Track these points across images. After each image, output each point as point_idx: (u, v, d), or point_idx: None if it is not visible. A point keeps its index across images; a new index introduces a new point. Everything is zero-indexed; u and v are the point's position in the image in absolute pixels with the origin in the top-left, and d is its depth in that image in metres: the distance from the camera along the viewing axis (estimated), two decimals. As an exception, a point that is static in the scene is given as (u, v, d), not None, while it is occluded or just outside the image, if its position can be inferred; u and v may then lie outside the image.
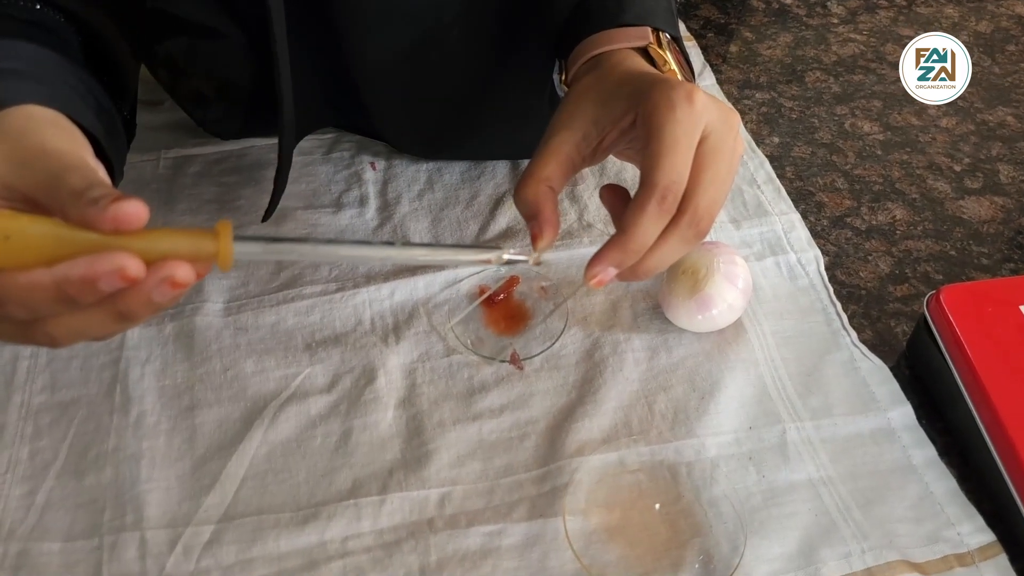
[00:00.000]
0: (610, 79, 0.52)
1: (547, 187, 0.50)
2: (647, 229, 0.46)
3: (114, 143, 0.54)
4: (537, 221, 0.50)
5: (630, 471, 0.55)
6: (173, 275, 0.38)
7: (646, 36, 0.56)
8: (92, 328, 0.40)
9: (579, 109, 0.51)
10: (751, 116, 0.80)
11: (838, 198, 0.73)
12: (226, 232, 0.39)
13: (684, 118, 0.45)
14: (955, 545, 0.52)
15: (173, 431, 0.58)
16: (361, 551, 0.52)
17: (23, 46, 0.51)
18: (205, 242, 0.39)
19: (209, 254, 0.39)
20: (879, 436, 0.57)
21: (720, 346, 0.61)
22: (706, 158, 0.46)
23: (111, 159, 0.51)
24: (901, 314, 0.64)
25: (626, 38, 0.55)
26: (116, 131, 0.57)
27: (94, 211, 0.37)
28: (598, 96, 0.51)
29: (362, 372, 0.60)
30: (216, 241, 0.39)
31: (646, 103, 0.47)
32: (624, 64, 0.54)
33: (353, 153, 0.77)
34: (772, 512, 0.53)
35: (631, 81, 0.51)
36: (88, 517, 0.53)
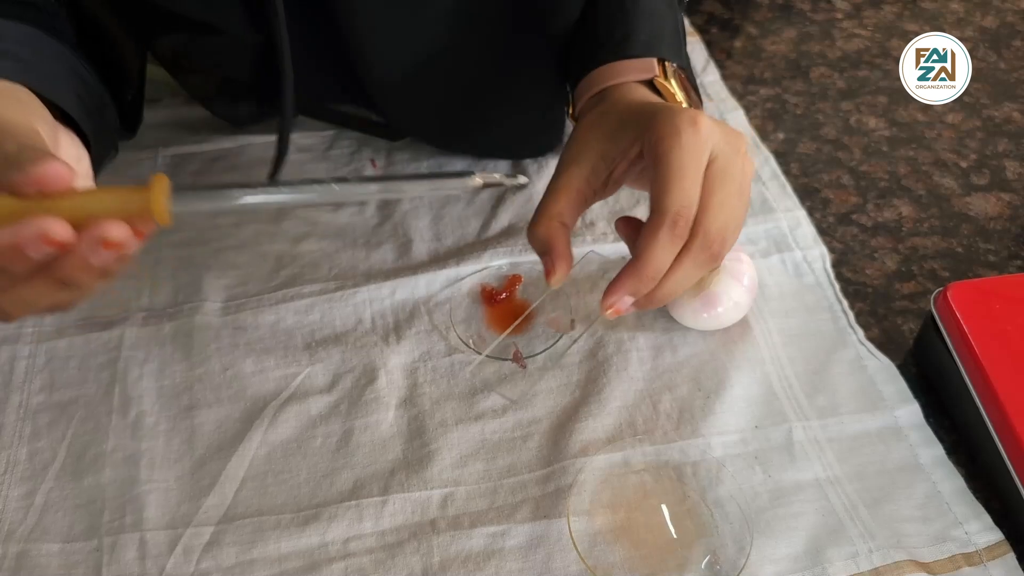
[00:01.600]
0: (615, 112, 0.53)
1: (559, 223, 0.51)
2: (661, 255, 0.46)
3: (96, 122, 0.53)
4: (550, 257, 0.51)
5: (635, 471, 0.54)
6: (105, 235, 0.37)
7: (651, 69, 0.56)
8: (39, 298, 0.40)
9: (587, 144, 0.52)
10: (755, 112, 0.80)
11: (844, 195, 0.72)
12: (159, 185, 0.38)
13: (689, 144, 0.46)
14: (963, 544, 0.51)
15: (172, 432, 0.57)
16: (363, 552, 0.51)
17: (11, 26, 0.50)
18: (136, 197, 0.38)
19: (142, 209, 0.38)
20: (886, 435, 0.56)
21: (726, 344, 0.60)
22: (714, 181, 0.47)
23: (90, 138, 0.50)
24: (908, 312, 0.63)
25: (631, 71, 0.56)
26: (102, 111, 0.56)
27: (19, 176, 0.36)
28: (604, 130, 0.52)
29: (363, 372, 0.60)
30: (147, 195, 0.37)
31: (651, 132, 0.48)
32: (629, 96, 0.54)
33: (353, 150, 0.76)
34: (778, 512, 0.52)
35: (636, 112, 0.51)
36: (87, 518, 0.53)
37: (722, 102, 0.80)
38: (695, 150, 0.46)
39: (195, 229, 0.69)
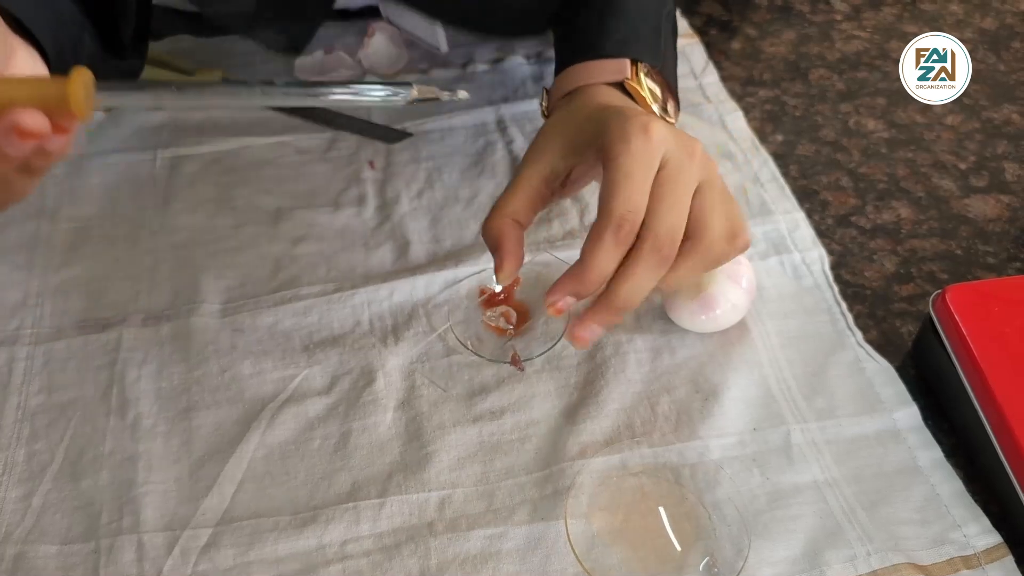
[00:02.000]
0: (579, 114, 0.54)
1: (512, 221, 0.52)
2: (603, 258, 0.47)
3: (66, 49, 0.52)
4: (499, 253, 0.51)
5: (633, 474, 0.54)
6: (18, 122, 0.36)
7: (623, 70, 0.56)
8: None
9: (548, 144, 0.53)
10: (754, 114, 0.80)
11: (843, 197, 0.72)
12: (78, 76, 0.37)
13: (639, 149, 0.47)
14: (961, 547, 0.51)
15: (170, 433, 0.57)
16: (360, 555, 0.51)
17: None
18: (54, 86, 0.37)
19: (60, 99, 0.37)
20: (884, 437, 0.56)
21: (724, 347, 0.60)
22: (664, 186, 0.47)
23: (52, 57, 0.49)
24: (907, 314, 0.63)
25: (602, 72, 0.57)
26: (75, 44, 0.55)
27: None
28: (566, 131, 0.53)
29: (360, 374, 0.60)
30: (65, 85, 0.37)
31: (604, 137, 0.48)
32: (596, 99, 0.55)
33: (352, 152, 0.76)
34: (776, 514, 0.52)
35: (596, 116, 0.52)
36: (85, 520, 0.53)
37: (721, 104, 0.80)
38: (644, 156, 0.47)
39: (193, 231, 0.69)
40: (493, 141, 0.77)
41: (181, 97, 0.42)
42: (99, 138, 0.77)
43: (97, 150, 0.76)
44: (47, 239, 0.69)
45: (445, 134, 0.78)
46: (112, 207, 0.71)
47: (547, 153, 0.53)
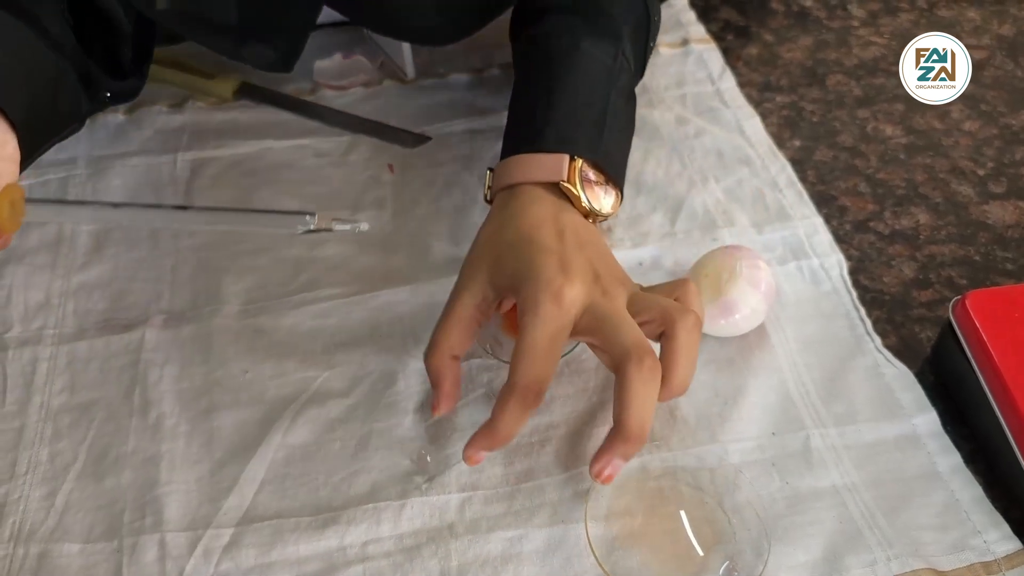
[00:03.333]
0: (508, 236, 0.55)
1: (449, 358, 0.54)
2: (510, 420, 0.49)
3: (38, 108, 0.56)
4: (438, 393, 0.54)
5: (652, 477, 0.54)
6: None
7: (559, 171, 0.57)
8: None
9: (478, 271, 0.55)
10: (772, 119, 0.80)
11: (861, 202, 0.72)
12: (7, 194, 0.40)
13: (547, 319, 0.50)
14: (981, 553, 0.51)
15: (192, 434, 0.57)
16: (381, 556, 0.51)
17: None
18: None
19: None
20: (904, 443, 0.56)
21: (743, 351, 0.61)
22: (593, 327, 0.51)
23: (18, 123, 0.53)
24: (925, 319, 0.63)
25: (539, 170, 0.57)
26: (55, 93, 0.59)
27: None
28: (493, 257, 0.55)
29: (381, 376, 0.60)
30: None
31: (519, 297, 0.51)
32: (526, 215, 0.56)
33: (370, 156, 0.77)
34: (796, 519, 0.52)
35: (520, 248, 0.53)
36: (108, 519, 0.53)
37: (738, 109, 0.80)
38: (552, 325, 0.50)
39: (213, 233, 0.70)
40: (511, 145, 0.77)
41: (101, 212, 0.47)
42: (120, 140, 0.78)
43: (118, 152, 0.77)
44: (69, 240, 0.69)
45: (463, 138, 0.78)
46: (133, 209, 0.72)
47: (477, 281, 0.54)
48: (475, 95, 0.82)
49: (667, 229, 0.69)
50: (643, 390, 0.48)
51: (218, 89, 0.81)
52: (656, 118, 0.79)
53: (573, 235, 0.54)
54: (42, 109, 0.58)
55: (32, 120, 0.56)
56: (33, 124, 0.56)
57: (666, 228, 0.69)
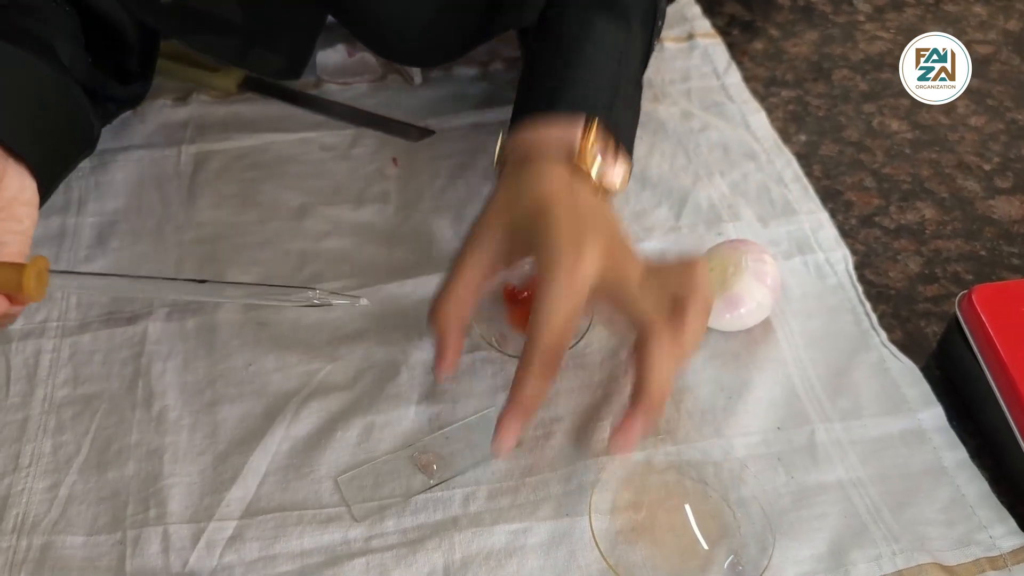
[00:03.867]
0: (521, 206, 0.54)
1: (456, 319, 0.54)
2: (534, 384, 0.49)
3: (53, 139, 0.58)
4: (441, 349, 0.54)
5: (657, 471, 0.54)
6: None
7: (574, 134, 0.56)
8: None
9: (488, 237, 0.54)
10: (777, 114, 0.79)
11: (866, 197, 0.72)
12: (32, 267, 0.43)
13: (564, 290, 0.49)
14: (987, 548, 0.51)
15: (195, 426, 0.57)
16: (385, 549, 0.51)
17: None
18: (12, 276, 0.43)
19: (16, 285, 0.43)
20: (909, 438, 0.56)
21: (748, 345, 0.60)
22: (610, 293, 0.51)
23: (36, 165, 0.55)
24: (931, 314, 0.63)
25: (551, 143, 0.56)
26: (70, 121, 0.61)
27: None
28: (507, 225, 0.54)
29: (384, 368, 0.60)
30: (21, 275, 0.43)
31: (537, 262, 0.51)
32: (541, 186, 0.54)
33: (375, 149, 0.77)
34: (801, 513, 0.52)
35: (536, 218, 0.53)
36: (111, 511, 0.53)
37: (744, 104, 0.80)
38: (568, 295, 0.49)
39: (218, 226, 0.70)
40: (516, 139, 0.77)
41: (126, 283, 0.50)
42: (124, 133, 0.78)
43: (122, 145, 0.77)
44: (73, 233, 0.69)
45: (467, 132, 0.78)
46: (138, 202, 0.72)
47: (486, 248, 0.54)
48: (480, 89, 0.82)
49: (672, 223, 0.69)
50: (665, 360, 0.49)
51: (222, 82, 0.81)
52: (661, 113, 0.79)
53: (588, 208, 0.54)
54: (58, 146, 0.59)
55: (49, 159, 0.57)
56: (50, 163, 0.57)
57: (671, 222, 0.69)
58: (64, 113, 0.60)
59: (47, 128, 0.57)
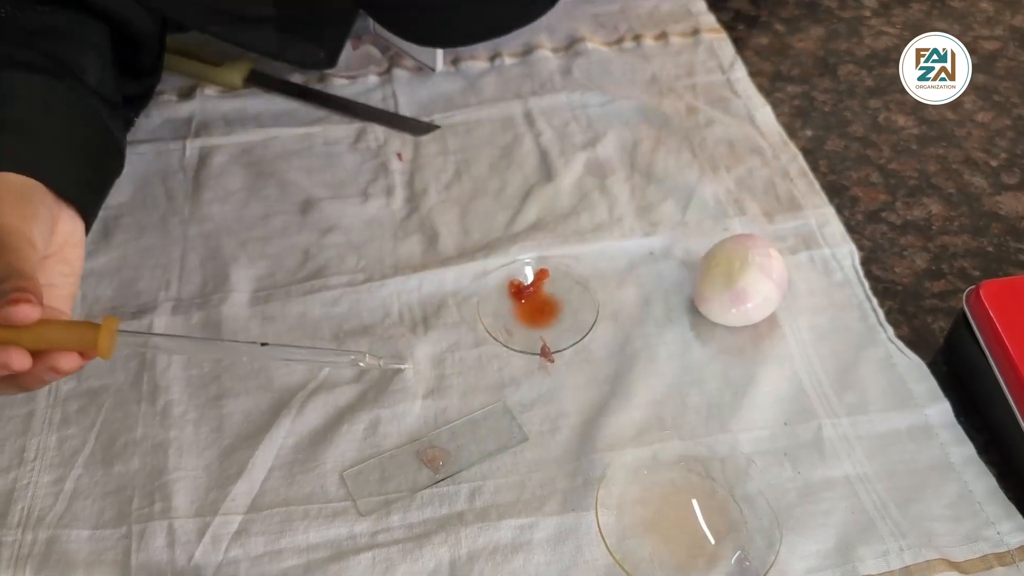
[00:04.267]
0: None
1: None
2: None
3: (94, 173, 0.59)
4: None
5: (663, 466, 0.54)
6: (57, 365, 0.45)
7: None
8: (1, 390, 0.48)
9: None
10: (783, 109, 0.79)
11: (873, 192, 0.72)
12: (106, 328, 0.45)
13: None
14: (995, 544, 0.51)
15: (200, 420, 0.57)
16: (391, 543, 0.51)
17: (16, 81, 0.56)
18: (88, 335, 0.45)
19: (91, 343, 0.45)
20: (916, 433, 0.56)
21: (754, 341, 0.60)
22: None
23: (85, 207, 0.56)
24: (938, 310, 0.63)
25: None
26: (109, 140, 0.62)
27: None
28: None
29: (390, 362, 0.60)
30: (95, 335, 0.45)
31: None
32: None
33: (380, 144, 0.76)
34: (808, 509, 0.52)
35: None
36: (116, 505, 0.53)
37: (749, 99, 0.80)
38: None
39: (223, 220, 0.70)
40: (521, 134, 0.77)
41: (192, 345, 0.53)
42: (129, 128, 0.78)
43: (127, 140, 0.76)
44: (78, 227, 0.69)
45: (473, 127, 0.78)
46: (143, 196, 0.72)
47: None
48: (485, 83, 0.82)
49: (678, 218, 0.69)
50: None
51: (227, 77, 0.81)
52: (666, 108, 0.78)
53: None
54: (99, 179, 0.61)
55: (92, 195, 0.58)
56: (93, 199, 0.58)
57: (677, 217, 0.69)
58: (101, 144, 0.61)
59: (88, 164, 0.59)
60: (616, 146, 0.75)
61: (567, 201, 0.70)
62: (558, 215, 0.69)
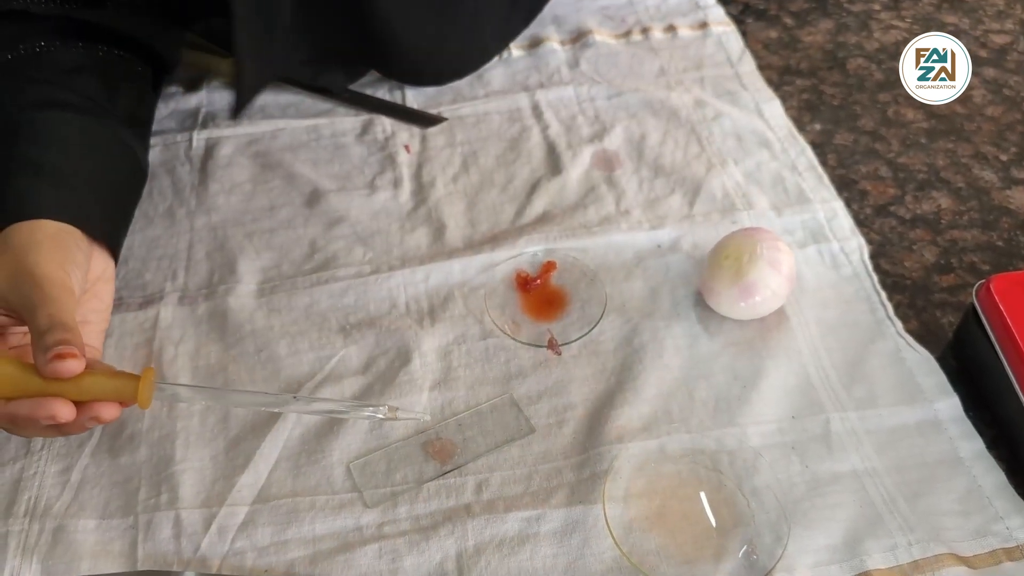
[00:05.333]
0: None
1: None
2: None
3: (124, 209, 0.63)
4: None
5: (671, 459, 0.54)
6: (99, 415, 0.48)
7: None
8: (43, 434, 0.51)
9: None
10: (792, 103, 0.79)
11: (882, 186, 0.71)
12: (146, 380, 0.48)
13: None
14: (1004, 539, 0.50)
15: (207, 411, 0.57)
16: (397, 535, 0.51)
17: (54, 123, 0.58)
18: (128, 387, 0.48)
19: (131, 394, 0.48)
20: (925, 428, 0.55)
21: (762, 334, 0.60)
22: None
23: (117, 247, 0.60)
24: (947, 304, 0.63)
25: None
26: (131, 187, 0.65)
27: (41, 359, 0.46)
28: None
29: (397, 354, 0.60)
30: (136, 387, 0.48)
31: None
32: None
33: (387, 135, 0.76)
34: (816, 503, 0.52)
35: None
36: (123, 495, 0.53)
37: (758, 92, 0.79)
38: None
39: (229, 211, 0.70)
40: (529, 127, 0.76)
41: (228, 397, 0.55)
42: (135, 119, 0.78)
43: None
44: (85, 218, 0.69)
45: (480, 119, 0.78)
46: (149, 187, 0.71)
47: None
48: (493, 76, 0.82)
49: (686, 211, 0.68)
50: None
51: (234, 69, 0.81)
52: (674, 100, 0.78)
53: None
54: (125, 210, 0.63)
55: (119, 229, 0.61)
56: (121, 232, 0.61)
57: (685, 210, 0.68)
58: (130, 177, 0.64)
59: (119, 202, 0.61)
60: (624, 139, 0.75)
61: (574, 194, 0.70)
62: (565, 207, 0.69)
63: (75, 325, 0.48)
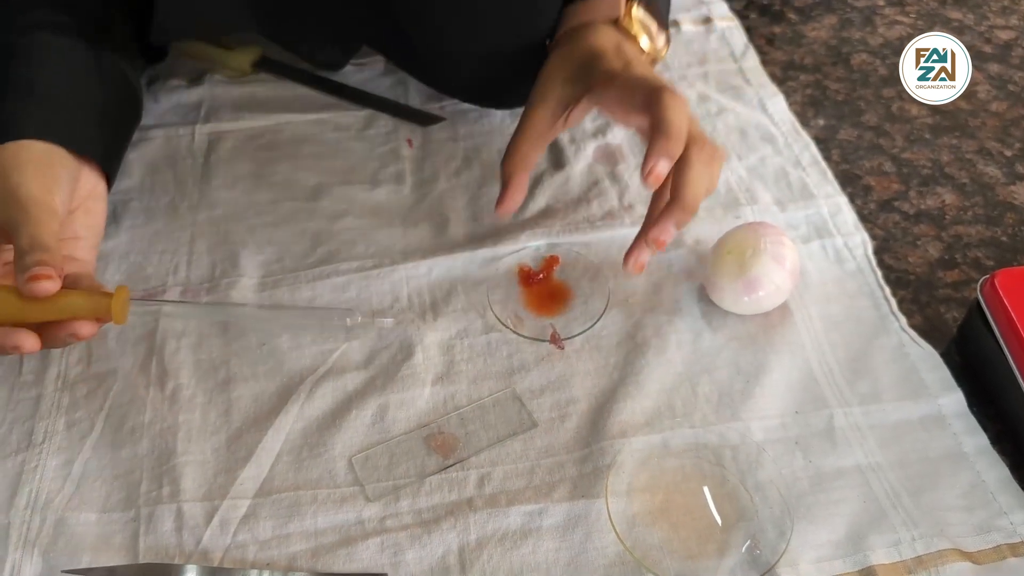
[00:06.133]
0: (574, 59, 0.62)
1: (521, 162, 0.62)
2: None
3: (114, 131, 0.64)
4: (505, 192, 0.62)
5: (674, 454, 0.54)
6: (76, 332, 0.50)
7: (616, 9, 0.63)
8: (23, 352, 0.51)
9: (548, 88, 0.62)
10: (796, 98, 0.79)
11: (886, 182, 0.71)
12: (120, 295, 0.51)
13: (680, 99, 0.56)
14: (1008, 534, 0.50)
15: (209, 404, 0.57)
16: (399, 529, 0.51)
17: (44, 44, 0.59)
18: (103, 304, 0.51)
19: (105, 310, 0.51)
20: (929, 423, 0.55)
21: (766, 329, 0.60)
22: None
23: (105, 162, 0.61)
24: (951, 300, 0.62)
25: (599, 10, 0.64)
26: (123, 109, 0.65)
27: (20, 279, 0.48)
28: (563, 75, 0.61)
29: (399, 348, 0.59)
30: (110, 303, 0.51)
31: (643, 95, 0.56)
32: (589, 42, 0.62)
33: (389, 130, 0.76)
34: (819, 498, 0.52)
35: (590, 63, 0.60)
36: (124, 489, 0.53)
37: (762, 87, 0.79)
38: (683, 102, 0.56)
39: (232, 206, 0.69)
40: (531, 121, 0.76)
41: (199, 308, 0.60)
42: (138, 113, 0.77)
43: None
44: (87, 211, 0.69)
45: (482, 114, 0.77)
46: (151, 181, 0.72)
47: (548, 97, 0.61)
48: (495, 71, 0.81)
49: (689, 206, 0.68)
50: (701, 169, 0.55)
51: (236, 62, 0.81)
52: (678, 95, 0.78)
53: (635, 57, 0.61)
54: (117, 132, 0.64)
55: (111, 149, 0.62)
56: (113, 152, 0.63)
57: (688, 205, 0.68)
58: (122, 100, 0.64)
59: (108, 123, 0.62)
60: (627, 133, 0.75)
61: (577, 188, 0.70)
62: (568, 202, 0.69)
63: (54, 245, 0.50)
